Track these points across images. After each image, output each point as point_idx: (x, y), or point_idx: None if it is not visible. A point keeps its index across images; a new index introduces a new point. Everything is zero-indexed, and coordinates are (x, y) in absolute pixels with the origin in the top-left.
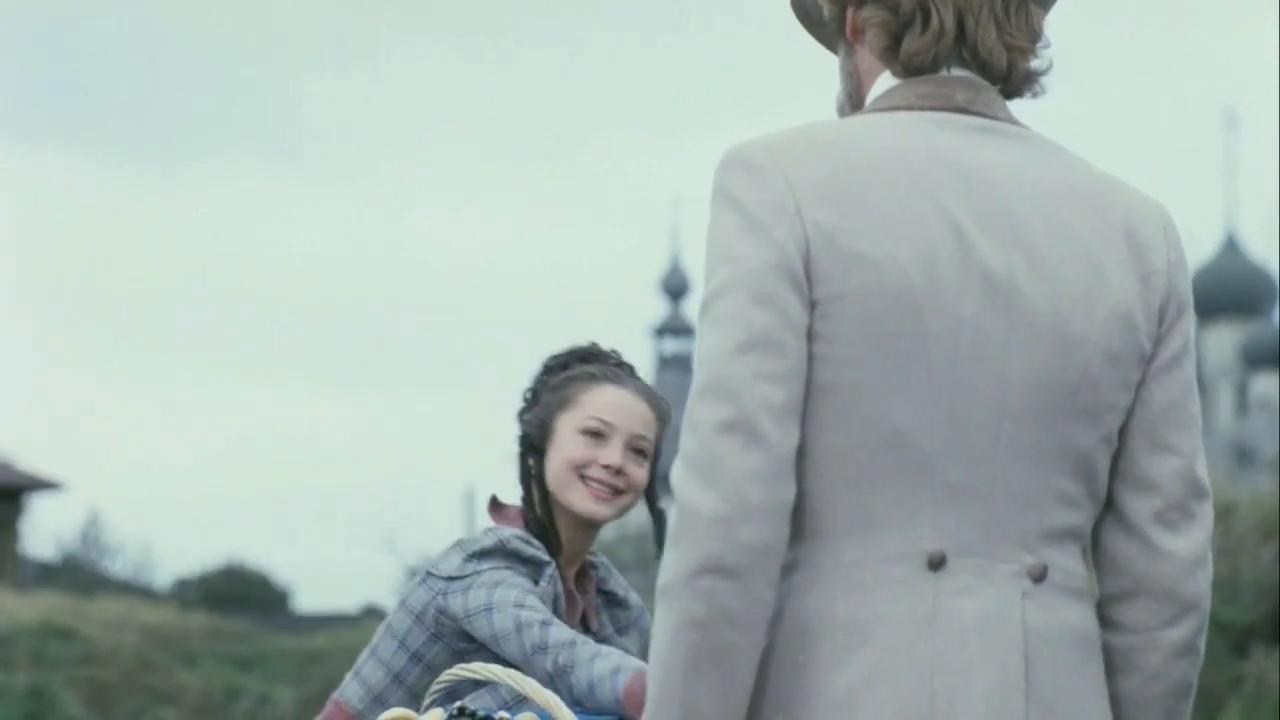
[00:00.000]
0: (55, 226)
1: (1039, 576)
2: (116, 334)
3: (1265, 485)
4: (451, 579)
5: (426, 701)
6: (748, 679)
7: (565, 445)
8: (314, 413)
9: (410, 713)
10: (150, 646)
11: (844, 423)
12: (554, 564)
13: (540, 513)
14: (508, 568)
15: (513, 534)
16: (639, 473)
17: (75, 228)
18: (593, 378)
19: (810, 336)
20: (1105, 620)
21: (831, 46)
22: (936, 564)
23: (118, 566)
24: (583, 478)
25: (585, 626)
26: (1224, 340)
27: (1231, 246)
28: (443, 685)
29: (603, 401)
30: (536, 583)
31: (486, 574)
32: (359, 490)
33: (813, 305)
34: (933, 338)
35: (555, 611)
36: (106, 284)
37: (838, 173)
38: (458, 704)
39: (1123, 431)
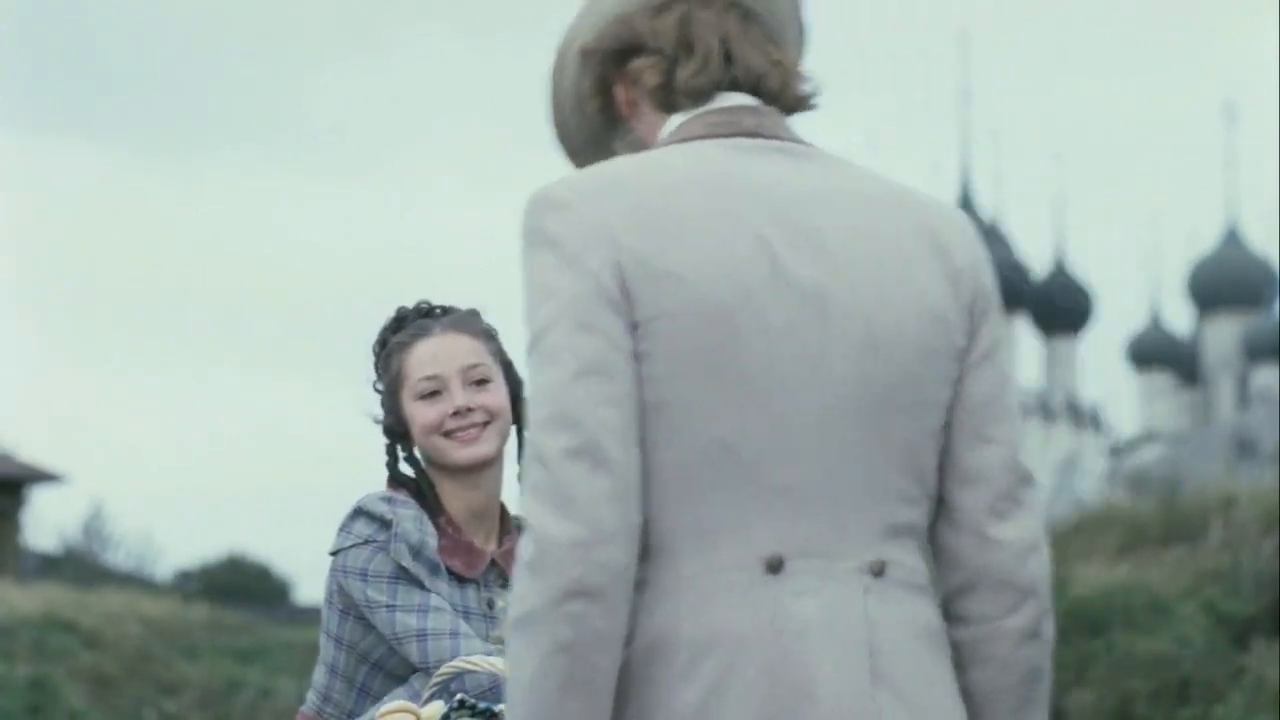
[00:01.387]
0: (60, 219)
1: (878, 572)
2: (120, 326)
3: (1266, 478)
4: (334, 554)
5: (426, 695)
6: (610, 699)
7: (415, 417)
8: (316, 405)
9: (411, 705)
10: (151, 638)
11: (673, 438)
12: (409, 518)
13: (419, 480)
14: (366, 540)
15: (373, 495)
16: (491, 398)
17: (80, 220)
18: (405, 345)
19: (635, 358)
20: (950, 616)
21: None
22: (775, 567)
23: (119, 558)
24: (445, 435)
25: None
26: (1225, 332)
27: (1232, 239)
28: (443, 677)
29: (420, 360)
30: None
31: (352, 551)
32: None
33: (634, 327)
34: (748, 349)
35: (423, 555)
36: (111, 277)
37: (644, 201)
38: (458, 697)
39: (946, 429)
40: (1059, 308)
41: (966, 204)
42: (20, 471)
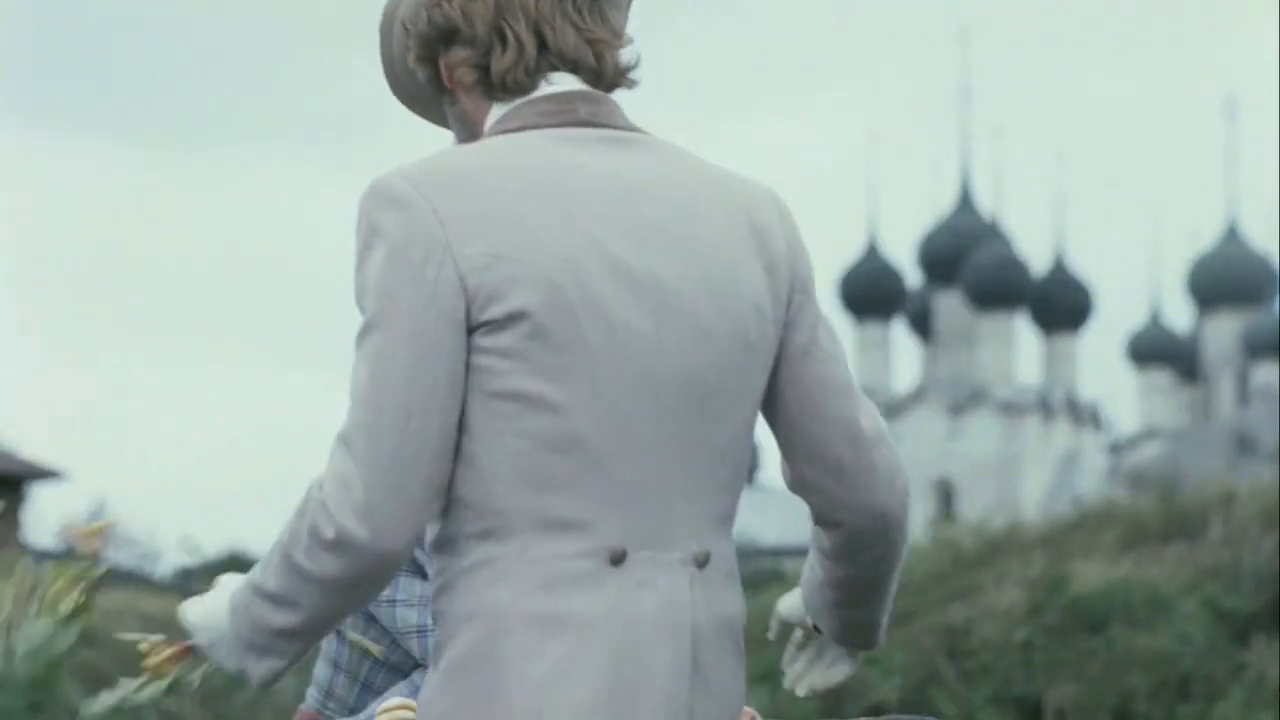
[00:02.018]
0: (63, 217)
1: (702, 563)
2: (122, 324)
3: (1266, 475)
4: None
5: None
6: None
7: None
8: (318, 402)
9: (410, 701)
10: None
11: (520, 427)
12: None
13: None
14: None
15: None
16: None
17: (83, 218)
18: None
19: (480, 350)
20: (817, 531)
21: (442, 120)
22: (618, 560)
23: (120, 556)
24: None
25: None
26: (1225, 330)
27: (1232, 236)
28: None
29: None
30: None
31: None
32: None
33: (481, 326)
34: (592, 345)
35: (427, 542)
36: (114, 274)
37: (483, 200)
38: None
39: (787, 413)
40: (1059, 305)
41: (966, 201)
42: (21, 469)
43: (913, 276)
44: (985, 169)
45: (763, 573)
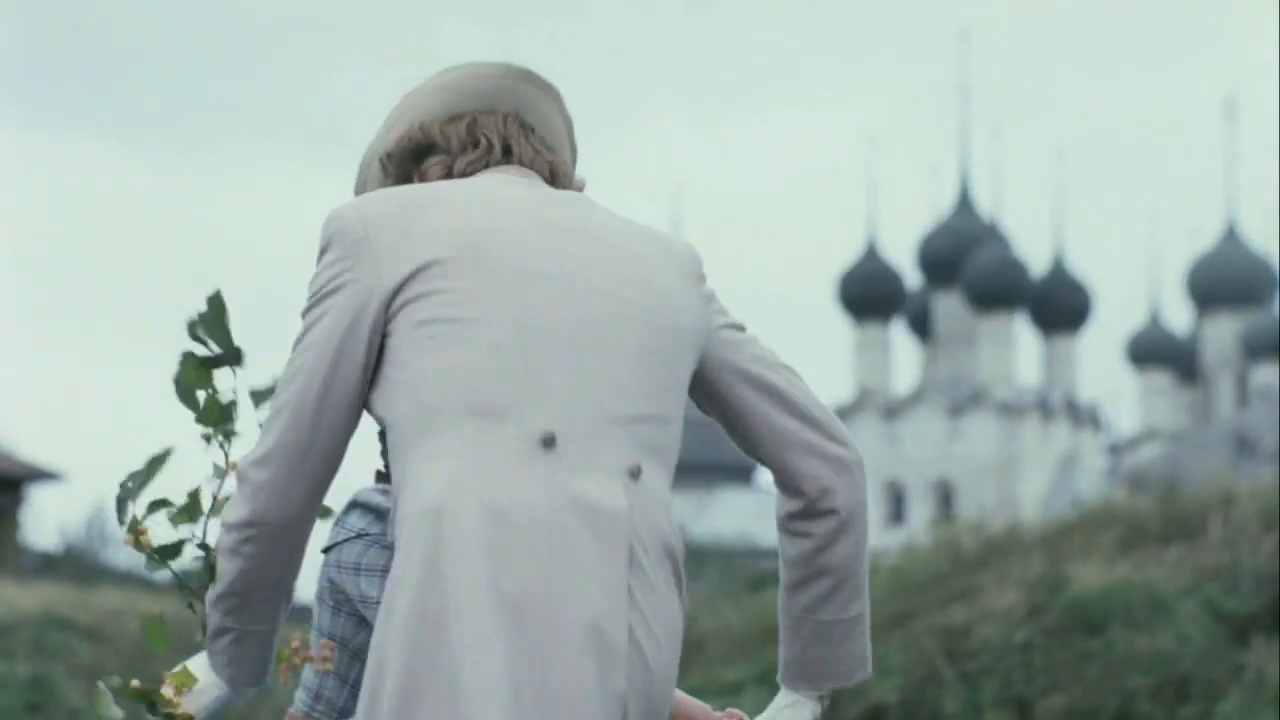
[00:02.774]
0: (63, 216)
1: (635, 474)
2: (122, 324)
3: (1265, 476)
4: (326, 550)
5: None
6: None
7: None
8: None
9: None
10: None
11: (444, 342)
12: None
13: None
14: (359, 534)
15: (368, 488)
16: None
17: (84, 218)
18: None
19: (407, 302)
20: (789, 528)
21: None
22: (549, 442)
23: (120, 557)
24: None
25: None
26: (1224, 330)
27: (1232, 237)
28: None
29: None
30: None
31: (345, 546)
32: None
33: (401, 288)
34: (505, 279)
35: None
36: (114, 274)
37: (408, 205)
38: None
39: (741, 400)
40: (1058, 306)
41: (966, 202)
42: (20, 470)
43: (912, 277)
44: (985, 169)
45: (763, 573)
